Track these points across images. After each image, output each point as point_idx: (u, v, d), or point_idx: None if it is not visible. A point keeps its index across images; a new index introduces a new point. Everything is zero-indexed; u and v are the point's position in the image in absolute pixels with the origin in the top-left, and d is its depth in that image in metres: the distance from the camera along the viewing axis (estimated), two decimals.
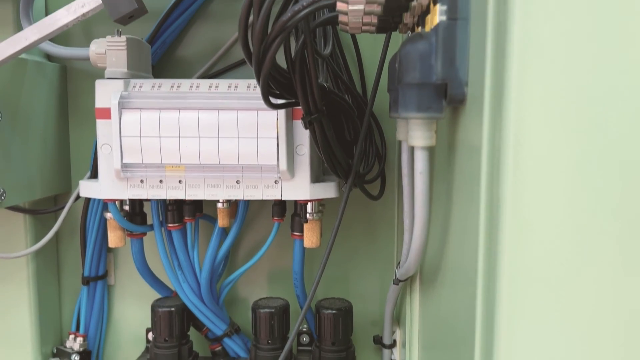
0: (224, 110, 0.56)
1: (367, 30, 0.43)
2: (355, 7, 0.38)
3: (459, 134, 0.38)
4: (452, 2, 0.35)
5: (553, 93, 0.27)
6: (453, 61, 0.36)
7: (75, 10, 0.51)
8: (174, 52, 0.74)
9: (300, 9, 0.39)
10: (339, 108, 0.58)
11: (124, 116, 0.56)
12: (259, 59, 0.42)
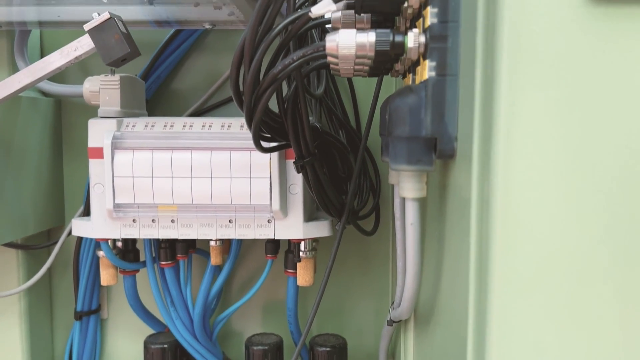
0: (217, 150, 0.56)
1: (359, 75, 0.43)
2: (346, 66, 0.38)
3: (450, 186, 0.39)
4: (441, 58, 0.35)
5: (539, 148, 0.28)
6: (442, 116, 0.36)
7: (68, 54, 0.51)
8: (168, 86, 0.74)
9: (290, 62, 0.39)
10: (332, 146, 0.58)
11: (116, 156, 0.56)
12: (250, 108, 0.42)
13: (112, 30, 0.49)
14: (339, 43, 0.37)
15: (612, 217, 0.28)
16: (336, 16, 0.40)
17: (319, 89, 0.59)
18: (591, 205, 0.28)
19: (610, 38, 0.27)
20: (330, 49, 0.37)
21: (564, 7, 0.27)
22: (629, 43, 0.27)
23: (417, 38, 0.36)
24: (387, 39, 0.37)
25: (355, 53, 0.37)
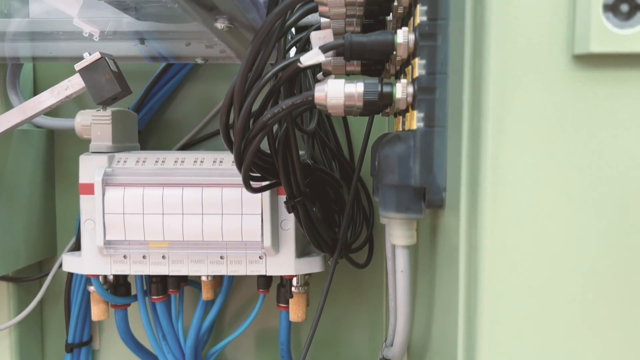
0: (208, 186, 0.56)
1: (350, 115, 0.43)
2: (335, 112, 0.38)
3: (440, 232, 0.39)
4: (429, 110, 0.35)
5: (523, 204, 0.28)
6: (431, 167, 0.35)
7: (59, 93, 0.51)
8: (161, 116, 0.74)
9: (279, 110, 0.39)
10: (324, 182, 0.58)
11: (107, 193, 0.56)
12: (239, 152, 0.42)
13: (102, 69, 0.49)
14: (328, 93, 0.37)
15: (597, 266, 0.28)
16: (327, 60, 0.40)
17: (311, 123, 0.59)
18: (574, 256, 0.28)
19: (596, 101, 0.27)
20: (319, 99, 0.37)
21: (550, 69, 0.27)
22: (615, 106, 0.27)
23: (405, 89, 0.36)
24: (376, 89, 0.37)
25: (343, 103, 0.37)
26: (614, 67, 0.27)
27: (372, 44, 0.37)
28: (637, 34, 0.26)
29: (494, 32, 0.27)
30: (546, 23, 0.27)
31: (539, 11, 0.27)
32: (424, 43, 0.34)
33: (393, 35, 0.37)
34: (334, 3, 0.36)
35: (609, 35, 0.26)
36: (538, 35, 0.27)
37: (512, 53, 0.27)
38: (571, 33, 0.27)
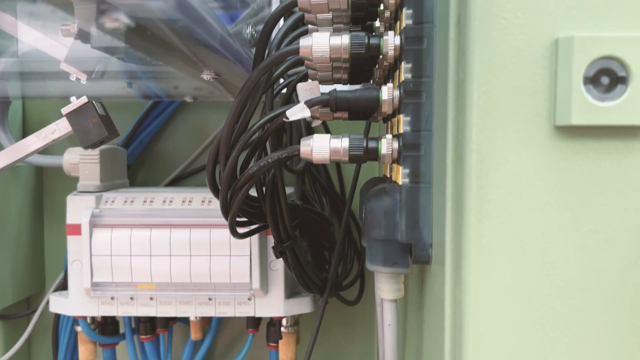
0: (197, 227, 0.55)
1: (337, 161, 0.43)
2: (321, 162, 0.37)
3: (427, 285, 0.38)
4: (414, 166, 0.35)
5: (506, 264, 0.29)
6: (417, 223, 0.35)
7: (45, 137, 0.50)
8: (151, 149, 0.74)
9: (265, 164, 0.38)
10: (314, 222, 0.58)
11: (94, 234, 0.56)
12: (225, 202, 0.42)
13: (89, 114, 0.49)
14: (313, 149, 0.37)
15: (578, 318, 0.28)
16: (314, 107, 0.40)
17: (300, 163, 0.59)
18: (554, 311, 0.29)
19: (577, 170, 0.27)
20: (305, 154, 0.37)
21: (532, 139, 0.27)
22: (596, 176, 0.27)
23: (390, 144, 0.36)
24: (361, 144, 0.37)
25: (329, 157, 0.37)
26: (596, 138, 0.27)
27: (357, 99, 0.37)
28: (617, 106, 0.26)
29: (476, 102, 0.27)
30: (528, 94, 0.27)
31: (520, 82, 0.27)
32: (409, 100, 0.34)
33: (378, 92, 0.37)
34: (319, 59, 0.36)
35: (590, 108, 0.26)
36: (520, 105, 0.27)
37: (495, 123, 0.27)
38: (553, 104, 0.27)
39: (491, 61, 0.27)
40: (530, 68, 0.27)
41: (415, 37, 0.34)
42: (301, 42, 0.36)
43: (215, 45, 0.30)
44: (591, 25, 0.26)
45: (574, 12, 0.26)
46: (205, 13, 0.27)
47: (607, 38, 0.26)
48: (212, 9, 0.30)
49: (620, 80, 0.26)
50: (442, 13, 0.32)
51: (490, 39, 0.27)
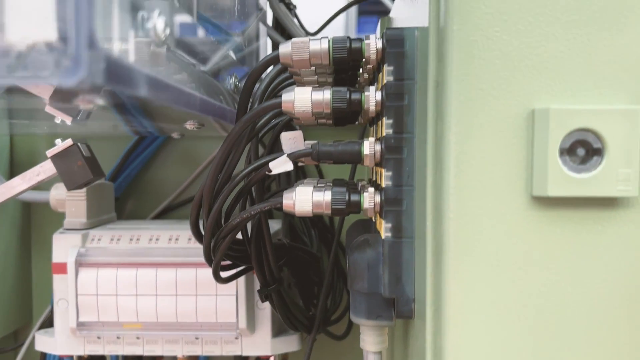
0: (183, 267, 0.55)
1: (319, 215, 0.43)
2: (304, 215, 0.37)
3: (410, 337, 0.38)
4: (396, 221, 0.35)
5: (485, 323, 0.29)
6: (400, 278, 0.35)
7: (30, 179, 0.50)
8: (140, 180, 0.74)
9: (247, 216, 0.38)
10: (301, 259, 0.58)
11: (80, 274, 0.55)
12: (209, 250, 0.42)
13: (75, 156, 0.49)
14: (296, 203, 0.37)
15: None
16: None
17: None
18: None
19: (554, 240, 0.27)
20: (287, 207, 0.37)
21: (509, 209, 0.27)
22: (573, 245, 0.27)
23: (372, 198, 0.36)
24: (343, 198, 0.37)
25: (312, 210, 0.37)
26: (573, 208, 0.27)
27: (339, 154, 0.37)
28: (593, 177, 0.26)
29: (453, 170, 0.27)
30: (505, 163, 0.27)
31: (497, 151, 0.27)
32: (390, 156, 0.35)
33: (360, 146, 0.37)
34: (302, 113, 0.36)
35: (566, 179, 0.26)
36: (497, 175, 0.27)
37: (471, 192, 0.27)
38: (530, 174, 0.27)
39: (468, 130, 0.27)
40: (507, 138, 0.27)
41: (396, 93, 0.34)
42: (283, 97, 0.36)
43: (195, 111, 0.30)
44: (567, 97, 0.27)
45: (550, 82, 0.27)
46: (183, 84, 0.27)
47: (583, 110, 0.26)
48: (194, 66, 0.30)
49: (596, 152, 0.26)
50: (423, 70, 0.32)
51: (467, 109, 0.27)
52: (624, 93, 0.26)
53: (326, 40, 0.36)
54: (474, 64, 0.27)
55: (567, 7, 0.26)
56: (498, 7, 0.27)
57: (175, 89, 0.25)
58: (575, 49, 0.26)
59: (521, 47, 0.27)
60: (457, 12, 0.27)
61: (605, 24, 0.26)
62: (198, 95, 0.31)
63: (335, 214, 0.37)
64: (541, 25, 0.27)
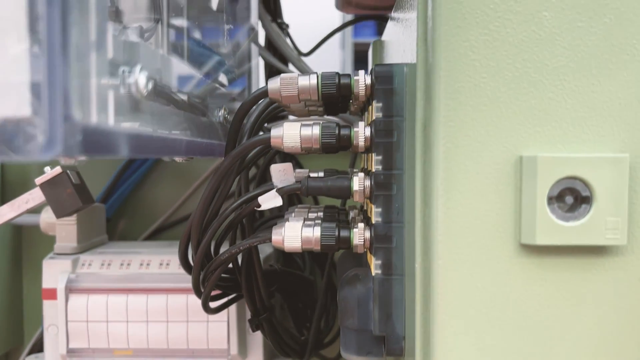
0: (174, 293, 0.55)
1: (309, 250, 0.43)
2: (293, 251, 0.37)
3: None
4: (386, 258, 0.35)
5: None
6: (390, 315, 0.35)
7: (19, 207, 0.50)
8: (132, 200, 0.73)
9: (236, 250, 0.38)
10: (294, 283, 0.57)
11: (70, 300, 0.55)
12: (197, 283, 0.42)
13: (64, 184, 0.49)
14: (285, 238, 0.36)
15: None
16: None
17: None
18: None
19: (543, 286, 0.27)
20: (276, 242, 0.37)
21: (497, 255, 0.27)
22: (561, 291, 0.27)
23: (362, 234, 0.36)
24: (333, 234, 0.36)
25: (301, 246, 0.37)
26: (561, 255, 0.27)
27: (328, 189, 0.37)
28: (582, 226, 0.26)
29: (441, 218, 0.27)
30: (492, 210, 0.27)
31: (485, 198, 0.27)
32: (379, 192, 0.34)
33: (349, 182, 0.36)
34: (291, 149, 0.36)
35: (555, 228, 0.26)
36: (485, 222, 0.27)
37: (459, 239, 0.27)
38: (518, 222, 0.27)
39: (455, 176, 0.27)
40: (494, 184, 0.27)
41: (385, 130, 0.34)
42: (272, 132, 0.36)
43: (180, 156, 0.30)
44: (555, 143, 0.26)
45: (538, 129, 0.27)
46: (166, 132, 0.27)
47: (571, 158, 0.26)
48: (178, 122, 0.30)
49: (584, 200, 0.26)
50: (412, 107, 0.31)
51: (454, 154, 0.27)
52: (612, 140, 0.26)
53: (315, 76, 0.36)
54: (461, 110, 0.27)
55: (555, 53, 0.26)
56: (485, 53, 0.26)
57: (158, 139, 0.25)
58: (564, 95, 0.26)
59: (509, 93, 0.26)
60: (444, 59, 0.26)
61: (593, 70, 0.26)
62: (184, 138, 0.30)
63: (325, 250, 0.37)
64: (529, 71, 0.26)
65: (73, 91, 0.16)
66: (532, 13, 0.26)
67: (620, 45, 0.26)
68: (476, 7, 0.26)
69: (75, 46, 0.16)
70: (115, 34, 0.20)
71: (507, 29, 0.26)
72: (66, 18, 0.15)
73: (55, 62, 0.15)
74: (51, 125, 0.15)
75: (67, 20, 0.15)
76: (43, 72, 0.15)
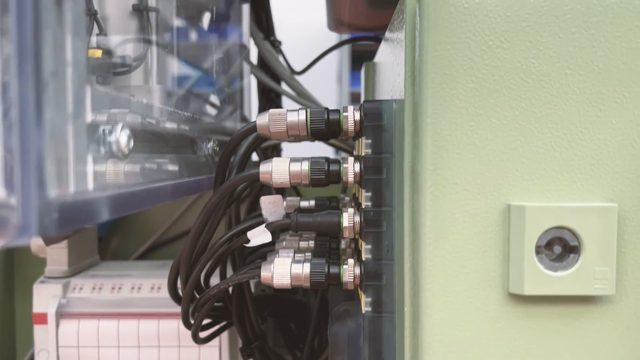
0: (165, 318, 0.54)
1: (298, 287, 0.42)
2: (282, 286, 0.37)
3: None
4: (376, 295, 0.34)
5: None
6: (380, 353, 0.35)
7: None
8: (125, 218, 0.73)
9: (225, 286, 0.38)
10: (286, 307, 0.57)
11: (61, 325, 0.54)
12: (187, 316, 0.41)
13: None
14: (274, 274, 0.36)
15: None
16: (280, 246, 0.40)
17: None
18: None
19: (530, 334, 0.27)
20: (265, 279, 0.36)
21: (485, 304, 0.27)
22: (549, 339, 0.27)
23: (352, 270, 0.36)
24: (322, 270, 0.36)
25: (290, 283, 0.36)
26: (549, 304, 0.27)
27: (317, 225, 0.36)
28: (570, 276, 0.26)
29: (429, 269, 0.27)
30: (481, 259, 0.27)
31: (473, 247, 0.27)
32: (369, 229, 0.34)
33: (339, 217, 0.36)
34: (280, 184, 0.36)
35: (543, 278, 0.26)
36: (473, 270, 0.27)
37: (447, 288, 0.27)
38: (506, 270, 0.26)
39: (443, 224, 0.27)
40: (482, 233, 0.27)
41: (374, 167, 0.34)
42: (261, 167, 0.36)
43: (167, 201, 0.30)
44: (543, 191, 0.26)
45: (526, 177, 0.26)
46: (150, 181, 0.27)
47: (559, 208, 0.26)
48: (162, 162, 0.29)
49: (573, 250, 0.26)
50: (401, 144, 0.31)
51: (442, 202, 0.27)
52: (600, 188, 0.26)
53: (304, 112, 0.35)
54: (448, 157, 0.26)
55: (543, 101, 0.26)
56: (472, 101, 0.26)
57: (142, 192, 0.24)
58: (552, 143, 0.26)
59: (496, 141, 0.26)
60: (431, 105, 0.26)
61: (581, 118, 0.26)
62: (169, 183, 0.30)
63: (314, 287, 0.36)
64: (517, 119, 0.26)
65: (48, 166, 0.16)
66: (520, 60, 0.26)
67: (608, 92, 0.26)
68: (463, 55, 0.26)
69: (49, 123, 0.15)
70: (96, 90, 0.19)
71: (495, 77, 0.26)
72: (40, 97, 0.15)
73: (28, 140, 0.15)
74: (24, 210, 0.15)
75: (41, 99, 0.15)
76: (15, 150, 0.15)
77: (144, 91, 0.44)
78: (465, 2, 0.26)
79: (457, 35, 0.26)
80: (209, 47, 0.56)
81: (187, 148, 0.37)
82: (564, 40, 0.26)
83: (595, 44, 0.26)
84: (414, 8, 0.27)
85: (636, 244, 0.26)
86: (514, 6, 0.26)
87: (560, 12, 0.26)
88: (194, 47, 0.53)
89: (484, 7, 0.26)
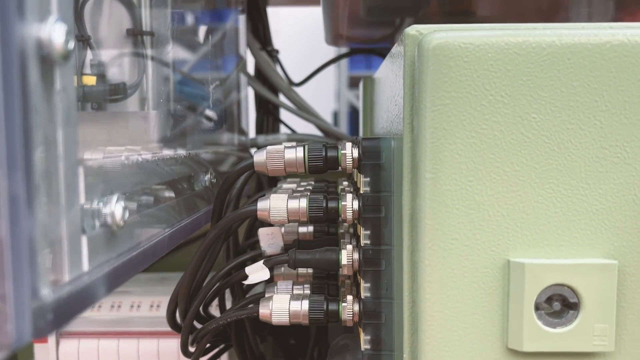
0: (165, 337, 0.54)
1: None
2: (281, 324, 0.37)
3: None
4: (374, 334, 0.34)
5: None
6: None
7: None
8: None
9: (223, 322, 0.38)
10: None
11: (61, 344, 0.55)
12: (186, 347, 0.41)
13: None
14: (273, 312, 0.36)
15: None
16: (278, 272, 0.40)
17: None
18: None
19: None
20: (264, 316, 0.36)
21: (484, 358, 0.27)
22: None
23: (351, 308, 0.36)
24: (321, 308, 0.36)
25: (289, 320, 0.36)
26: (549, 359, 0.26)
27: (316, 262, 0.36)
28: (569, 332, 0.26)
29: (427, 325, 0.27)
30: (480, 314, 0.27)
31: (472, 302, 0.26)
32: (368, 268, 0.34)
33: (338, 255, 0.36)
34: (278, 221, 0.35)
35: (542, 335, 0.26)
36: (472, 325, 0.27)
37: (446, 344, 0.27)
38: (505, 325, 0.26)
39: (442, 279, 0.26)
40: (481, 288, 0.26)
41: (373, 205, 0.33)
42: (259, 205, 0.35)
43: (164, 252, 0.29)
44: (543, 247, 0.26)
45: (526, 233, 0.26)
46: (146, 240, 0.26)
47: (559, 265, 0.25)
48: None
49: (572, 306, 0.26)
50: (399, 181, 0.31)
51: (441, 257, 0.26)
52: (600, 245, 0.26)
53: (301, 149, 0.35)
54: (447, 213, 0.26)
55: (544, 156, 0.26)
56: (472, 156, 0.26)
57: (138, 256, 0.24)
58: (552, 199, 0.26)
59: (496, 196, 0.26)
60: (430, 160, 0.26)
61: (582, 173, 0.26)
62: (166, 234, 0.30)
63: (313, 324, 0.36)
64: (517, 174, 0.26)
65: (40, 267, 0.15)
66: (521, 115, 0.25)
67: (610, 147, 0.25)
68: (463, 110, 0.25)
69: (41, 224, 0.15)
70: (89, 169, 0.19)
71: (495, 132, 0.26)
72: (32, 201, 0.14)
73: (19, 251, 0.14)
74: (17, 317, 0.14)
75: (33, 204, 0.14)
76: (5, 254, 0.15)
77: (140, 117, 0.43)
78: (465, 56, 0.25)
79: (457, 90, 0.25)
80: (205, 63, 0.56)
81: (184, 188, 0.36)
82: (566, 95, 0.25)
83: (597, 98, 0.25)
84: (413, 56, 0.27)
85: (636, 299, 0.26)
86: (515, 60, 0.25)
87: (562, 66, 0.25)
88: (190, 65, 0.53)
89: (485, 61, 0.25)
